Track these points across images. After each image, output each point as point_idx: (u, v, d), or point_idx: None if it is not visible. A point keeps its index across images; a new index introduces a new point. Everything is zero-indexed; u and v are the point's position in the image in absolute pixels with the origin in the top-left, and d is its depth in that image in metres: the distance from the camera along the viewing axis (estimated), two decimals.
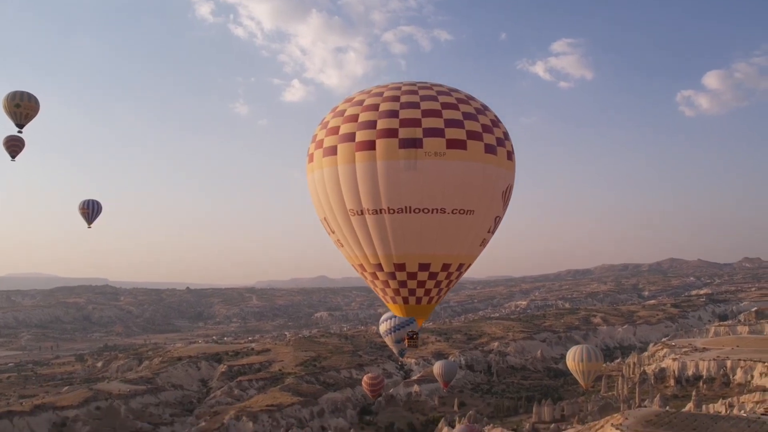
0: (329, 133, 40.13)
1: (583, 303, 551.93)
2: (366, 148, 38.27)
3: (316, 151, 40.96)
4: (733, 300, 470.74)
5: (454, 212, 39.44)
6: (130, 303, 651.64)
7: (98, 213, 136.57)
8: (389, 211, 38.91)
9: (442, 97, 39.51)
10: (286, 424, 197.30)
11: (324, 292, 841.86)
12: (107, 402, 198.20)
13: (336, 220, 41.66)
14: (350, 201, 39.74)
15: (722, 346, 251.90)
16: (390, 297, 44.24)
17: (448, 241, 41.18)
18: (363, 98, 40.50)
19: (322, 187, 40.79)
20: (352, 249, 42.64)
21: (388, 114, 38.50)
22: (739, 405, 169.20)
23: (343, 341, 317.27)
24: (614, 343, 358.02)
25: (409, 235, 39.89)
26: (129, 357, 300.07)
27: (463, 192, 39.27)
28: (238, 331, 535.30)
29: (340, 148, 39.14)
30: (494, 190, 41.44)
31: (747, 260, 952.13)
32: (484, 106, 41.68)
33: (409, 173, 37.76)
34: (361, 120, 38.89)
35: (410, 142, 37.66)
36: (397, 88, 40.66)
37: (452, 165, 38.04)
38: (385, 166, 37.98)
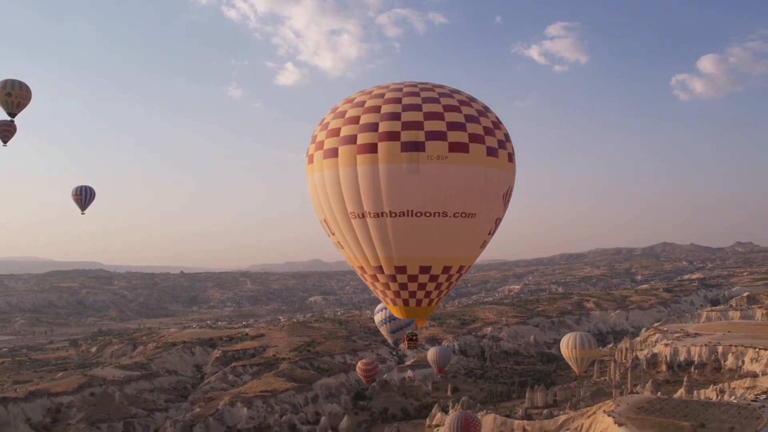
0: (330, 134, 39.80)
1: (576, 287, 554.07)
2: (368, 150, 38.05)
3: (316, 152, 40.66)
4: (725, 285, 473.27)
5: (455, 216, 39.45)
6: (124, 287, 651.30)
7: (91, 199, 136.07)
8: (391, 215, 38.83)
9: (444, 99, 39.26)
10: (280, 410, 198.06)
11: (318, 276, 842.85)
12: (102, 388, 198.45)
13: (336, 223, 41.55)
14: (351, 204, 39.58)
15: (714, 332, 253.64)
16: (390, 299, 44.38)
17: (450, 245, 41.23)
18: (364, 99, 40.12)
19: (323, 189, 40.60)
20: (352, 251, 42.60)
21: (389, 116, 38.22)
22: (729, 391, 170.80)
23: (337, 326, 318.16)
24: (607, 328, 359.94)
25: (410, 238, 39.92)
26: (123, 342, 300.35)
27: (465, 195, 39.26)
28: (233, 316, 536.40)
29: (341, 150, 38.88)
30: (495, 193, 41.52)
31: (739, 244, 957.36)
32: (486, 107, 41.42)
33: (411, 177, 37.64)
34: (362, 122, 38.61)
35: (412, 145, 37.49)
36: (398, 89, 40.26)
37: (454, 169, 37.93)
38: (387, 170, 37.80)
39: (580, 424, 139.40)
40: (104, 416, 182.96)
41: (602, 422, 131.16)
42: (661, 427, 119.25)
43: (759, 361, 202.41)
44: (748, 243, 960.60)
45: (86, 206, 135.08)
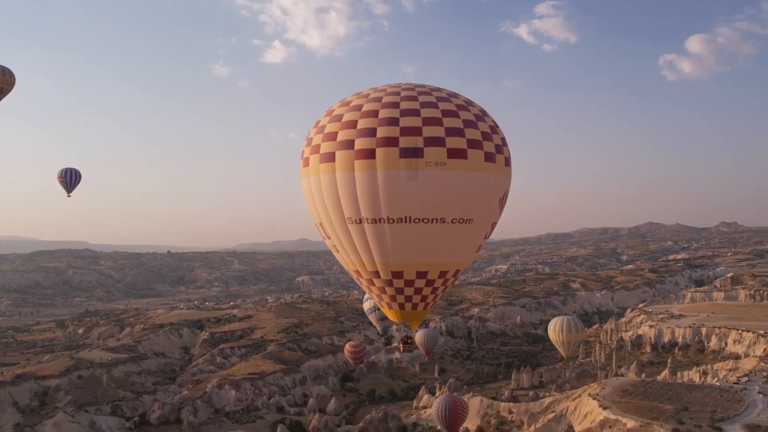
0: (326, 138, 39.40)
1: (562, 268, 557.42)
2: (366, 156, 37.75)
3: (312, 156, 40.31)
4: (710, 265, 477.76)
5: (453, 222, 39.50)
6: (110, 267, 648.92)
7: (77, 181, 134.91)
8: (389, 221, 38.74)
9: (442, 103, 38.97)
10: (268, 392, 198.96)
11: (306, 256, 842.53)
12: (89, 371, 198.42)
13: (333, 227, 41.35)
14: (348, 209, 39.37)
15: (698, 313, 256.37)
16: (386, 303, 44.40)
17: (447, 250, 41.30)
18: (361, 103, 39.68)
19: (319, 194, 40.34)
20: (348, 256, 42.42)
21: (388, 122, 37.90)
22: (712, 373, 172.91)
23: (325, 307, 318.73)
24: (592, 308, 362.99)
25: (408, 244, 39.83)
26: (110, 323, 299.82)
27: (463, 202, 39.25)
28: (220, 296, 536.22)
29: (338, 155, 38.55)
30: (492, 198, 41.60)
31: (724, 224, 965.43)
32: (483, 111, 41.24)
33: (409, 183, 37.51)
34: (360, 127, 38.24)
35: (411, 151, 37.28)
36: (395, 93, 39.87)
37: (453, 175, 37.86)
38: (385, 176, 37.60)
39: (566, 407, 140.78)
40: (92, 399, 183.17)
41: (587, 405, 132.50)
42: (644, 411, 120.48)
43: (741, 343, 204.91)
44: (733, 223, 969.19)
45: (72, 189, 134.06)
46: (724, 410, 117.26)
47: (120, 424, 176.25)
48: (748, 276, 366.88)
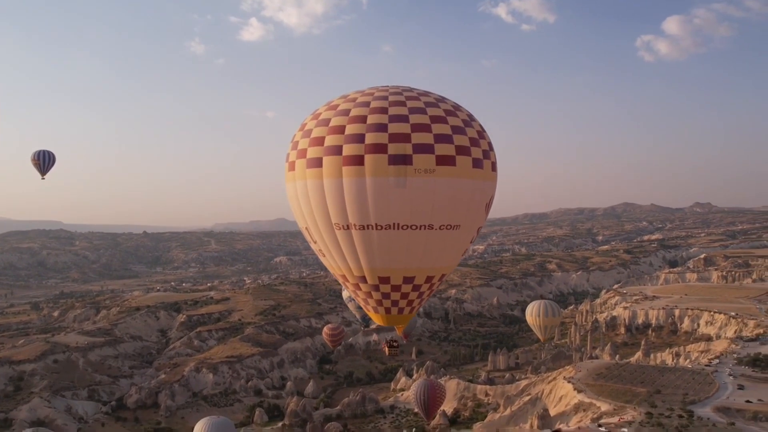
0: (313, 143, 39.08)
1: (539, 248, 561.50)
2: (354, 163, 37.58)
3: (298, 160, 39.97)
4: (684, 246, 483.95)
5: (441, 228, 39.63)
6: (85, 248, 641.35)
7: (52, 163, 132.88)
8: (377, 227, 38.75)
9: (430, 109, 38.91)
10: (246, 375, 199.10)
11: (283, 236, 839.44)
12: (65, 355, 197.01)
13: (319, 232, 41.24)
14: (336, 215, 39.26)
15: (671, 294, 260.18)
16: (372, 307, 44.53)
17: (434, 256, 41.52)
18: (348, 107, 39.36)
19: (306, 199, 40.22)
20: (335, 260, 42.37)
21: (376, 128, 37.67)
22: (685, 354, 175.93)
23: (303, 289, 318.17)
24: (568, 289, 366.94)
25: (395, 250, 39.94)
26: (86, 306, 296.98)
27: (451, 208, 39.37)
28: (197, 277, 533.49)
29: (326, 161, 38.29)
30: (480, 203, 41.82)
31: (698, 205, 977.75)
32: (470, 116, 41.20)
33: (398, 190, 37.50)
34: (348, 132, 37.96)
35: (400, 158, 37.20)
36: (383, 97, 39.57)
37: (441, 182, 37.92)
38: (374, 183, 37.51)
39: (541, 390, 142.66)
40: (68, 384, 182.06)
41: (562, 388, 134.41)
42: (618, 394, 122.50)
43: (713, 324, 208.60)
44: (707, 204, 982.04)
45: (46, 171, 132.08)
46: (695, 393, 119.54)
47: (97, 408, 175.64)
48: (720, 257, 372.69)
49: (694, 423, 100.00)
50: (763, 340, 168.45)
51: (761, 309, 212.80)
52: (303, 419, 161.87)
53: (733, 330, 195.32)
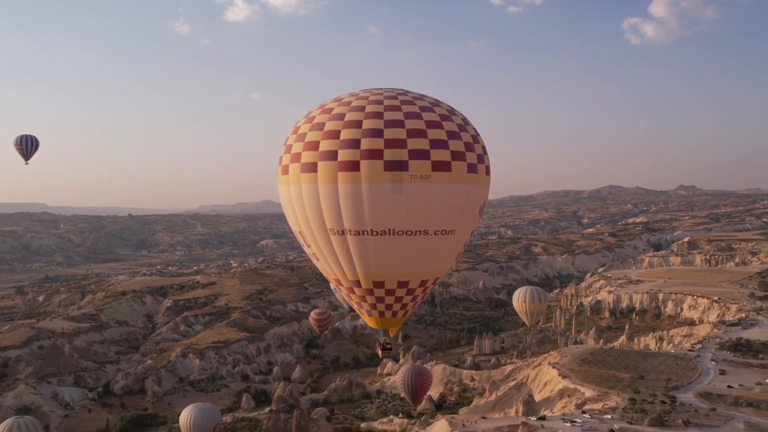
0: (307, 147, 38.89)
1: (524, 231, 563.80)
2: (349, 168, 37.47)
3: (292, 164, 39.83)
4: (668, 229, 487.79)
5: (436, 233, 39.75)
6: (70, 231, 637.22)
7: (35, 148, 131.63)
8: (372, 233, 38.77)
9: (426, 114, 38.86)
10: (233, 361, 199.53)
11: (269, 219, 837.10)
12: (50, 341, 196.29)
13: (314, 237, 41.20)
14: (331, 221, 39.27)
15: (655, 278, 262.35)
16: (366, 311, 44.67)
17: (429, 260, 41.73)
18: (342, 111, 39.06)
19: (300, 204, 40.15)
20: (329, 265, 42.41)
21: (372, 133, 37.48)
22: (668, 339, 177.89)
23: (289, 273, 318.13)
24: (554, 272, 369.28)
25: (390, 255, 40.03)
26: (71, 291, 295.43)
27: (446, 214, 39.54)
28: (183, 260, 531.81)
29: (320, 166, 38.17)
30: (474, 207, 42.05)
31: (682, 188, 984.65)
32: (465, 120, 41.22)
33: (394, 196, 37.53)
34: (343, 138, 37.78)
35: (396, 164, 37.14)
36: (378, 102, 39.27)
37: (437, 188, 38.04)
38: (370, 189, 37.49)
39: (526, 375, 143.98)
40: (54, 370, 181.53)
41: (547, 374, 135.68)
42: (602, 380, 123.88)
43: (696, 308, 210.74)
44: (691, 186, 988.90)
45: (30, 156, 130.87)
46: (678, 378, 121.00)
47: (83, 395, 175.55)
48: (704, 241, 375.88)
49: (677, 409, 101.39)
50: (745, 324, 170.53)
51: (743, 293, 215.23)
52: (290, 405, 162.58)
53: (715, 314, 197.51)
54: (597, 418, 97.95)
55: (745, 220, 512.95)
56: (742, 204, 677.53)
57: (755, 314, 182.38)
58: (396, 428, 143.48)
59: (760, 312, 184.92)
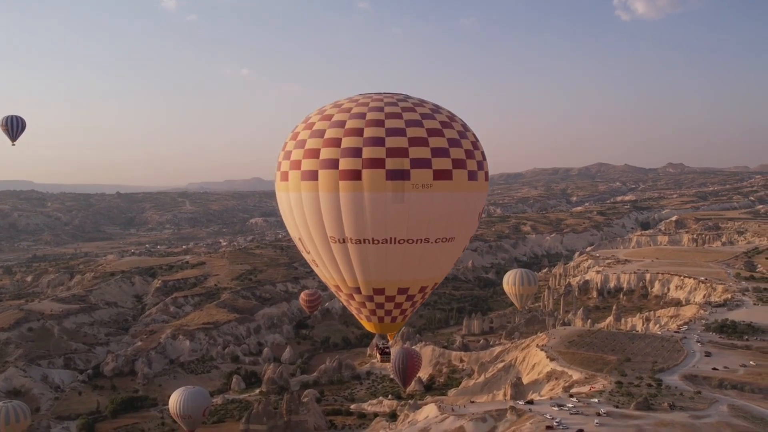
0: (308, 155, 38.77)
1: (513, 209, 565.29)
2: (351, 177, 37.41)
3: (291, 171, 39.74)
4: (656, 207, 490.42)
5: (437, 241, 40.01)
6: (58, 209, 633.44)
7: (22, 129, 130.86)
8: (373, 242, 38.89)
9: (427, 121, 38.85)
10: (223, 342, 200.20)
11: (259, 196, 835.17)
12: (40, 323, 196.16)
13: (314, 244, 41.28)
14: (332, 229, 39.30)
15: (643, 258, 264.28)
16: (365, 316, 44.82)
17: (429, 267, 42.06)
18: (343, 118, 38.91)
19: (300, 211, 40.20)
20: (329, 271, 42.55)
21: (373, 141, 37.42)
22: (655, 319, 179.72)
23: (279, 252, 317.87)
24: (542, 251, 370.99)
25: (391, 263, 40.20)
26: (60, 271, 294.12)
27: (447, 222, 39.79)
28: (172, 239, 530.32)
29: (321, 174, 38.10)
30: (474, 214, 42.42)
31: (671, 165, 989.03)
32: (465, 125, 41.24)
33: (396, 205, 37.61)
34: (344, 146, 37.67)
35: (398, 173, 37.15)
36: (379, 108, 39.14)
37: (438, 197, 38.21)
38: (371, 199, 37.52)
39: (514, 357, 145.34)
40: (43, 352, 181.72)
41: (535, 356, 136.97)
42: (589, 362, 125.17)
43: (683, 289, 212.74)
44: (679, 164, 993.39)
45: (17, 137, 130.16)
46: (664, 360, 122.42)
47: (73, 377, 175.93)
48: (691, 220, 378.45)
49: (662, 392, 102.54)
50: (731, 305, 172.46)
51: (729, 274, 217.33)
52: (280, 386, 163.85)
53: (702, 294, 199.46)
54: (584, 401, 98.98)
55: (732, 198, 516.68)
56: (729, 182, 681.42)
57: (741, 295, 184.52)
58: (386, 409, 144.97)
59: (746, 293, 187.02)
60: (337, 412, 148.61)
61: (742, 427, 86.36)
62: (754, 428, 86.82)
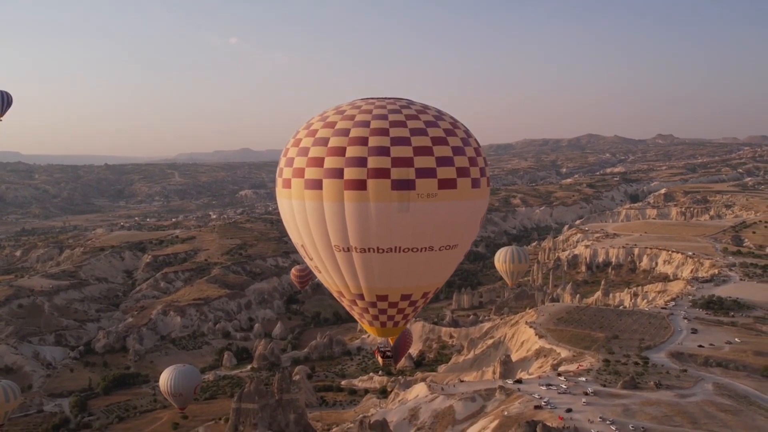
0: (311, 163, 38.62)
1: (503, 181, 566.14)
2: (356, 187, 37.40)
3: (294, 179, 39.66)
4: (645, 179, 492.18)
5: (441, 249, 40.36)
6: (45, 181, 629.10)
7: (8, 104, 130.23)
8: (378, 251, 39.11)
9: (431, 129, 38.84)
10: (214, 318, 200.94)
11: (248, 167, 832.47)
12: (30, 299, 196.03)
13: (317, 252, 41.45)
14: (336, 238, 39.45)
15: (631, 232, 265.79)
16: (367, 321, 45.29)
17: (433, 274, 42.54)
18: (347, 126, 38.75)
19: (303, 219, 40.26)
20: (332, 278, 42.78)
21: (378, 151, 37.36)
22: (642, 294, 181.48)
23: (269, 226, 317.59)
24: (532, 224, 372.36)
25: (395, 271, 40.58)
26: (49, 245, 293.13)
27: (451, 230, 40.12)
28: (161, 211, 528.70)
29: (326, 183, 38.04)
30: (476, 220, 42.71)
31: (660, 137, 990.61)
32: (467, 132, 41.27)
33: (401, 215, 37.75)
34: (349, 155, 37.59)
35: (403, 183, 37.16)
36: (382, 116, 39.00)
37: (443, 206, 38.40)
38: (377, 209, 37.60)
39: (504, 334, 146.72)
40: (34, 329, 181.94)
41: (524, 333, 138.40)
42: (578, 339, 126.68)
43: (671, 263, 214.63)
44: (669, 135, 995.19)
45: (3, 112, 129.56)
46: (651, 338, 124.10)
47: (65, 354, 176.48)
48: (680, 192, 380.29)
49: (649, 370, 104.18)
50: (717, 281, 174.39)
51: (717, 248, 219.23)
52: (271, 362, 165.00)
53: (689, 269, 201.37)
54: (572, 380, 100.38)
55: (721, 170, 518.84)
56: (718, 154, 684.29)
57: (727, 270, 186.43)
58: (376, 386, 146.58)
59: (732, 268, 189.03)
60: (328, 388, 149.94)
61: (726, 406, 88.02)
62: (738, 406, 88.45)
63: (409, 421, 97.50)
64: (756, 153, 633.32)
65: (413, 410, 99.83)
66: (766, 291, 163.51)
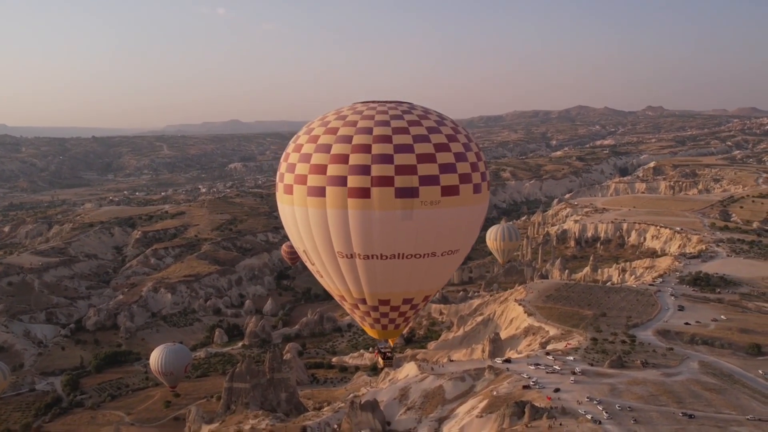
0: (314, 170, 38.83)
1: (493, 153, 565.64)
2: (360, 195, 37.71)
3: (297, 185, 39.89)
4: (634, 152, 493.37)
5: (443, 254, 40.78)
6: (32, 155, 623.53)
7: None
8: (381, 257, 39.48)
9: (434, 136, 39.10)
10: (204, 294, 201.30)
11: (237, 140, 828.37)
12: (19, 277, 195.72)
13: (320, 258, 41.69)
14: (340, 245, 39.75)
15: (620, 207, 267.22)
16: (369, 324, 45.89)
17: (434, 279, 43.25)
18: (349, 133, 38.79)
19: (306, 226, 40.48)
20: (334, 283, 43.16)
21: (382, 159, 37.62)
22: (630, 270, 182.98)
23: (259, 201, 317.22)
24: (521, 198, 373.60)
25: (398, 276, 40.98)
26: (37, 221, 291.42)
27: (453, 235, 40.54)
28: (150, 185, 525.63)
29: (329, 191, 38.31)
30: (477, 224, 43.16)
31: (650, 108, 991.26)
32: (468, 136, 41.48)
33: (405, 223, 38.18)
34: (352, 163, 37.82)
35: (407, 191, 37.55)
36: (385, 122, 39.03)
37: (446, 212, 38.81)
38: (380, 216, 37.94)
39: (493, 311, 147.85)
40: (24, 307, 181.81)
41: (513, 310, 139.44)
42: (566, 317, 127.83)
43: (659, 239, 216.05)
44: (659, 107, 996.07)
45: None
46: (638, 315, 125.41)
47: (56, 331, 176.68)
48: (669, 166, 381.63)
49: (636, 349, 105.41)
50: (705, 257, 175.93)
51: (704, 223, 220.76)
52: (262, 339, 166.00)
53: (677, 245, 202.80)
54: (560, 360, 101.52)
55: (710, 143, 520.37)
56: (707, 126, 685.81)
57: (715, 246, 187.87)
58: (366, 363, 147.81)
59: (720, 244, 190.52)
60: (319, 365, 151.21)
61: (710, 384, 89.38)
62: (722, 385, 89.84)
63: (400, 400, 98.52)
64: (745, 125, 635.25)
65: (403, 390, 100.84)
66: (752, 267, 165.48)
